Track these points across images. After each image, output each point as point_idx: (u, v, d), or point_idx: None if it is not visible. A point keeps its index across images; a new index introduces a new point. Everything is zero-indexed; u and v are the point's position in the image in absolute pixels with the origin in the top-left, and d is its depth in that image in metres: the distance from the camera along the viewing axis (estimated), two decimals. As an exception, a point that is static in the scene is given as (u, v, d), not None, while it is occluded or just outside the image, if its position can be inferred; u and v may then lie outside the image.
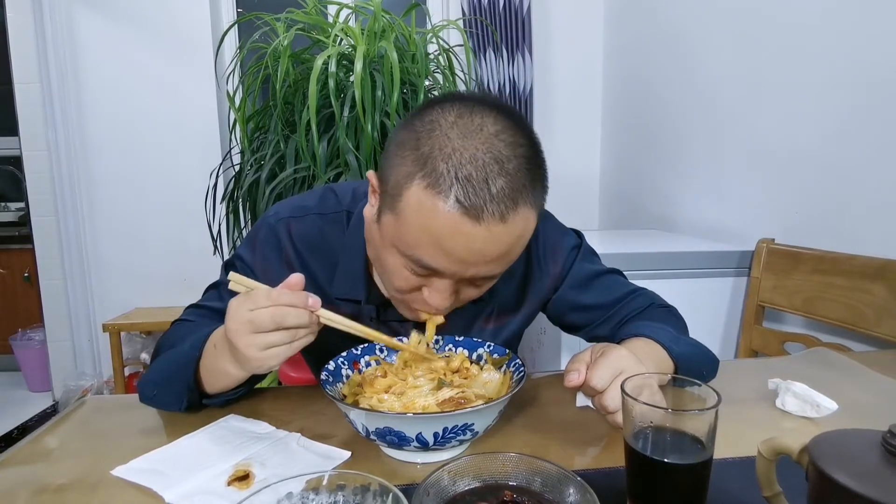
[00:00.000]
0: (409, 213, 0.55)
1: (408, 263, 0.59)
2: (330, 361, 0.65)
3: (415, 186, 0.55)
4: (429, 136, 0.55)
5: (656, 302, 0.82)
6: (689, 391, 0.47)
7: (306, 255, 0.74)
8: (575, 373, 0.58)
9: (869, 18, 1.20)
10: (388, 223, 0.59)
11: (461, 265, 0.57)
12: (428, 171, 0.54)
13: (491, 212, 0.53)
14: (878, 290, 1.14)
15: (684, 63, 1.91)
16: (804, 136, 1.39)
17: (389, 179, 0.58)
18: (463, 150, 0.54)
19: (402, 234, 0.57)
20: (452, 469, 0.43)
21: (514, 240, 0.57)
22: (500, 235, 0.55)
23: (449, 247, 0.55)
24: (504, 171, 0.54)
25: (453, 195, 0.53)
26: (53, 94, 2.33)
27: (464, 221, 0.53)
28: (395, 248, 0.59)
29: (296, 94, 1.74)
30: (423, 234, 0.55)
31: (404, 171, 0.56)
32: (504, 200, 0.54)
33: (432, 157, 0.54)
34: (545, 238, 0.80)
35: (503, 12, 2.34)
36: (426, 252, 0.56)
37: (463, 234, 0.54)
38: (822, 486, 0.34)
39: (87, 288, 2.50)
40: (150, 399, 0.68)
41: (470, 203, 0.52)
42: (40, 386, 2.66)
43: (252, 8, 2.44)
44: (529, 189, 0.56)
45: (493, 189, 0.53)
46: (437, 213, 0.53)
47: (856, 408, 0.70)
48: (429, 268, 0.58)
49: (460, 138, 0.54)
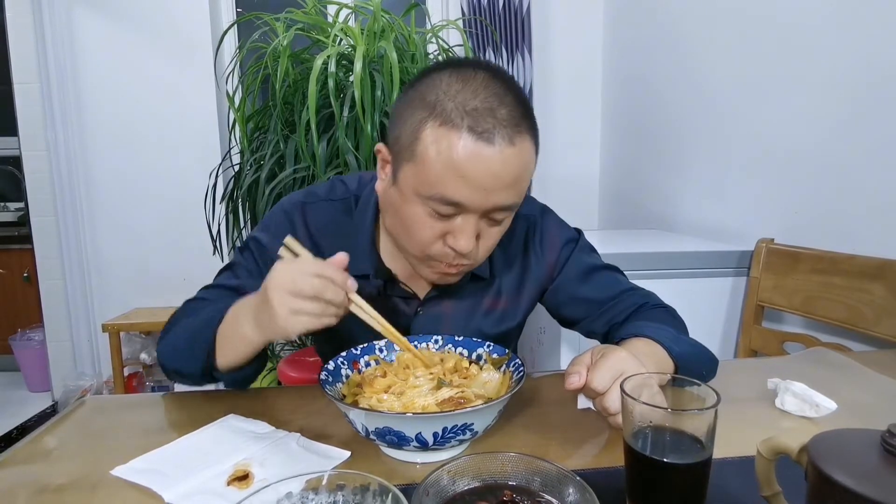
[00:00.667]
0: (428, 153, 0.60)
1: (431, 208, 0.63)
2: (329, 361, 0.65)
3: (429, 128, 0.60)
4: (431, 89, 0.62)
5: (651, 301, 0.83)
6: (688, 391, 0.47)
7: (318, 238, 0.78)
8: (576, 375, 0.58)
9: (869, 18, 1.20)
10: (408, 174, 0.63)
11: (482, 193, 0.61)
12: (438, 112, 0.60)
13: (501, 135, 0.59)
14: (877, 290, 1.14)
15: (684, 63, 1.91)
16: (804, 136, 1.39)
17: (401, 136, 0.64)
18: (465, 91, 0.60)
19: (424, 177, 0.61)
20: (452, 469, 0.43)
21: (522, 165, 0.63)
22: (511, 158, 0.61)
23: (469, 173, 0.59)
24: (504, 103, 0.61)
25: (465, 126, 0.59)
26: (53, 94, 2.33)
27: (479, 146, 0.59)
28: (417, 196, 0.63)
29: (295, 94, 1.74)
30: (444, 168, 0.60)
31: (416, 120, 0.62)
32: (509, 125, 0.60)
33: (439, 101, 0.60)
34: (544, 229, 0.84)
35: (503, 12, 2.34)
36: (449, 186, 0.60)
37: (480, 158, 0.59)
38: (821, 486, 0.34)
39: (86, 288, 2.50)
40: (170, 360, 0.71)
41: (482, 129, 0.59)
42: (40, 386, 2.66)
43: (252, 8, 2.44)
44: (526, 121, 0.63)
45: (498, 116, 0.60)
46: (454, 144, 0.59)
47: (855, 407, 0.70)
48: (452, 202, 0.61)
49: (459, 83, 0.61)
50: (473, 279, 0.79)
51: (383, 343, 0.71)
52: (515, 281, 0.83)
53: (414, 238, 0.66)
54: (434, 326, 0.79)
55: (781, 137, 1.47)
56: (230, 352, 0.65)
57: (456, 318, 0.81)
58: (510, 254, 0.82)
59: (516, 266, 0.83)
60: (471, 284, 0.80)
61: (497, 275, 0.81)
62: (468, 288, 0.80)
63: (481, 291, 0.81)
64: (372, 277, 0.76)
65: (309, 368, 1.79)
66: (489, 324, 0.82)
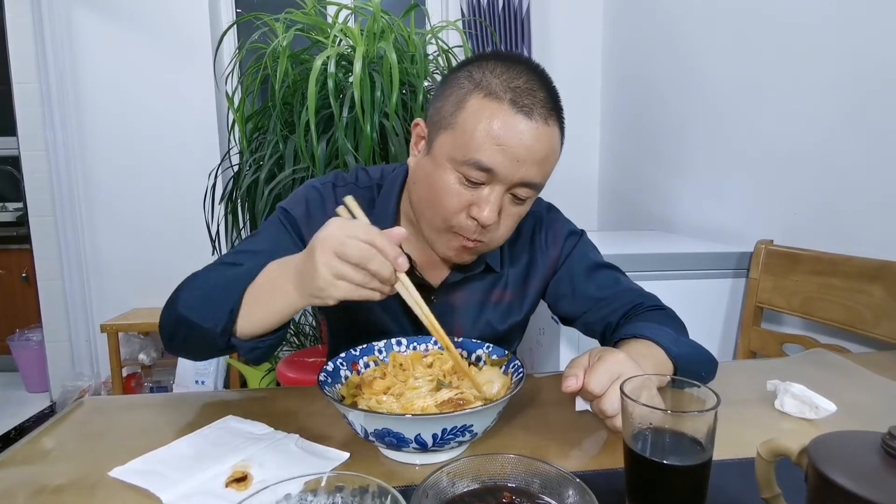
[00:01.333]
0: (470, 121, 0.65)
1: (462, 174, 0.66)
2: (329, 362, 0.65)
3: (473, 99, 0.66)
4: (479, 69, 0.67)
5: (648, 301, 0.83)
6: (688, 392, 0.47)
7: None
8: (573, 378, 0.58)
9: (868, 20, 1.21)
10: (445, 141, 0.67)
11: (514, 163, 0.65)
12: (483, 86, 0.66)
13: (539, 113, 0.65)
14: (876, 292, 1.14)
15: (683, 64, 1.92)
16: (803, 138, 1.39)
17: (444, 107, 0.68)
18: (509, 72, 0.66)
19: (461, 142, 0.65)
20: (451, 470, 0.43)
21: (553, 146, 0.68)
22: (545, 136, 0.66)
23: (506, 141, 0.64)
24: (544, 87, 0.67)
25: (508, 98, 0.64)
26: (52, 94, 2.33)
27: (519, 118, 0.64)
28: (451, 162, 0.67)
29: (295, 95, 1.74)
30: (483, 134, 0.64)
31: (462, 93, 0.67)
32: (546, 107, 0.66)
33: (485, 78, 0.66)
34: (548, 224, 0.87)
35: (502, 13, 2.34)
36: (485, 152, 0.64)
37: (518, 130, 0.64)
38: (821, 488, 0.34)
39: (85, 288, 2.49)
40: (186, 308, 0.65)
41: (522, 103, 0.64)
42: (38, 386, 2.65)
43: (251, 8, 2.44)
44: (558, 113, 0.68)
45: (537, 97, 0.65)
46: (496, 113, 0.64)
47: (854, 409, 0.70)
48: (485, 168, 0.65)
49: (504, 66, 0.67)
50: (486, 271, 0.81)
51: (382, 344, 0.71)
52: (521, 275, 0.85)
53: (440, 206, 0.68)
54: (445, 316, 0.80)
55: (781, 138, 1.47)
56: (260, 310, 0.61)
57: (467, 309, 0.82)
58: (517, 248, 0.85)
59: (523, 260, 0.85)
60: (482, 277, 0.82)
61: (506, 268, 0.84)
62: (480, 280, 0.82)
63: (491, 284, 0.83)
64: None
65: (308, 369, 1.79)
66: (497, 317, 0.84)
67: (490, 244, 0.72)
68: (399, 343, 0.71)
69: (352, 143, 1.62)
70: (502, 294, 0.84)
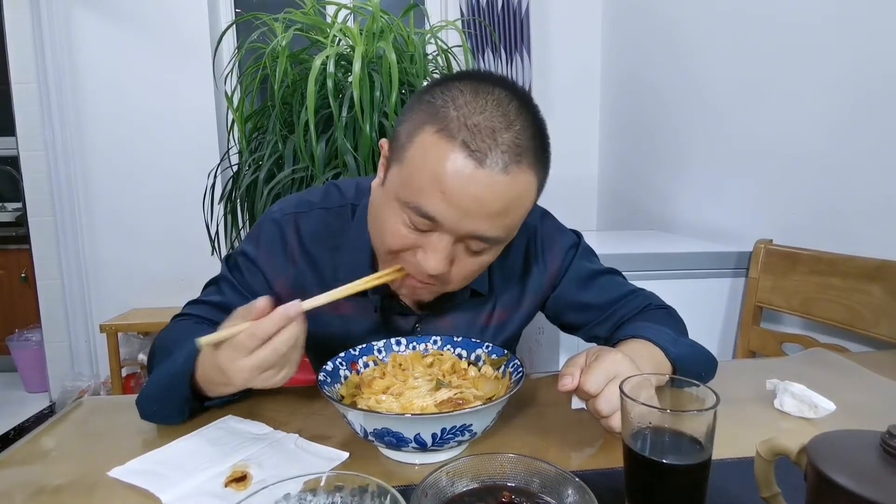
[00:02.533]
0: (416, 159, 0.57)
1: (407, 217, 0.59)
2: (328, 362, 0.65)
3: (424, 133, 0.57)
4: (444, 93, 0.58)
5: (654, 303, 0.82)
6: (687, 392, 0.47)
7: (312, 250, 0.75)
8: (568, 377, 0.58)
9: (867, 20, 1.21)
10: (393, 175, 0.61)
11: (460, 214, 0.56)
12: (439, 118, 0.57)
13: (494, 159, 0.55)
14: (875, 291, 1.14)
15: (682, 64, 1.92)
16: (802, 137, 1.39)
17: (401, 135, 0.61)
18: (474, 104, 0.57)
19: (406, 181, 0.58)
20: (451, 470, 0.43)
21: (513, 197, 0.58)
22: (501, 187, 0.56)
23: (451, 190, 0.55)
24: (511, 128, 0.56)
25: (460, 139, 0.55)
26: (51, 94, 2.33)
27: (467, 164, 0.55)
28: (396, 201, 0.60)
29: (294, 95, 1.74)
30: (427, 177, 0.56)
31: (416, 122, 0.59)
32: (508, 152, 0.56)
33: (445, 107, 0.57)
34: (544, 235, 0.81)
35: (502, 13, 2.34)
36: (428, 197, 0.56)
37: (465, 176, 0.55)
38: (820, 487, 0.34)
39: (84, 288, 2.49)
40: (151, 416, 0.66)
41: (475, 146, 0.55)
42: (37, 387, 2.65)
43: (250, 8, 2.44)
44: (532, 154, 0.58)
45: (498, 139, 0.56)
46: (443, 154, 0.55)
47: (853, 408, 0.70)
48: (427, 216, 0.57)
49: (471, 95, 0.57)
50: (472, 295, 0.76)
51: (381, 344, 0.71)
52: (515, 294, 0.81)
53: (386, 243, 0.63)
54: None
55: (780, 138, 1.47)
56: (215, 391, 0.63)
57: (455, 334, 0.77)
58: (510, 267, 0.79)
59: (516, 279, 0.80)
60: (469, 300, 0.77)
61: (496, 289, 0.79)
62: (467, 303, 0.77)
63: (480, 307, 0.79)
64: (370, 293, 0.72)
65: (307, 369, 1.78)
66: (488, 338, 0.79)
67: (447, 286, 0.66)
68: (399, 343, 0.71)
69: (351, 143, 1.62)
70: (491, 316, 0.80)
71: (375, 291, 0.73)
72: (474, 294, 0.76)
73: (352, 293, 0.61)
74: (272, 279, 0.75)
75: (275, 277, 0.75)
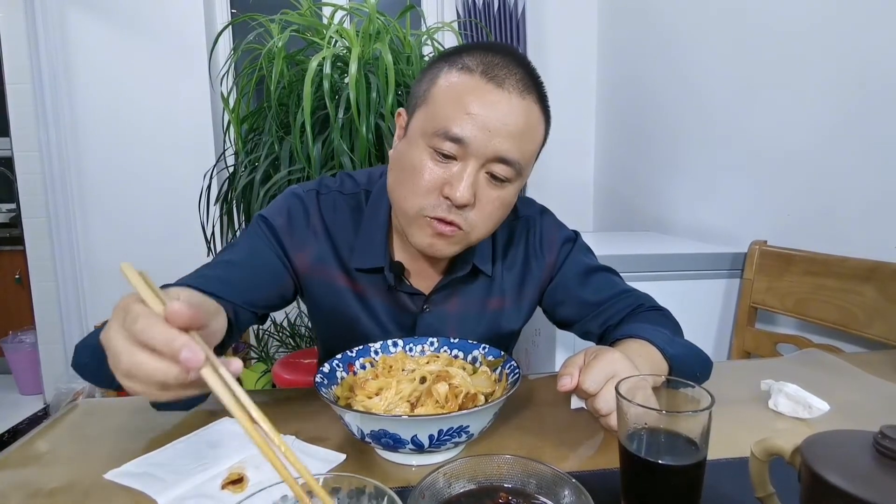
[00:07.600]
0: (440, 94, 0.64)
1: (434, 147, 0.64)
2: (324, 364, 0.65)
3: (445, 73, 0.65)
4: (455, 52, 0.67)
5: (647, 303, 0.83)
6: (682, 392, 0.47)
7: (331, 227, 0.77)
8: (567, 377, 0.58)
9: (861, 22, 1.22)
10: (419, 118, 0.66)
11: (485, 134, 0.62)
12: (458, 63, 0.65)
13: (512, 84, 0.63)
14: (869, 292, 1.15)
15: (678, 66, 1.93)
16: (797, 139, 1.40)
17: (419, 89, 0.68)
18: (486, 52, 0.65)
19: (432, 116, 0.64)
20: (447, 471, 0.43)
21: (530, 123, 0.65)
22: (519, 109, 0.64)
23: (475, 110, 0.62)
24: (521, 67, 0.65)
25: (479, 70, 0.63)
26: (45, 95, 2.32)
27: (489, 88, 0.63)
28: (423, 137, 0.65)
29: (290, 96, 1.74)
30: (452, 105, 0.63)
31: (435, 72, 0.66)
32: (521, 83, 0.64)
33: (461, 57, 0.65)
34: (542, 229, 0.85)
35: (498, 14, 2.35)
36: (455, 121, 0.62)
37: (487, 98, 0.62)
38: (814, 487, 0.35)
39: (78, 290, 2.48)
40: (81, 367, 0.60)
41: (494, 74, 0.63)
42: (31, 389, 2.63)
43: (246, 9, 2.44)
44: (538, 95, 0.66)
45: (511, 72, 0.64)
46: (466, 82, 0.63)
47: (847, 408, 0.70)
48: (455, 138, 0.62)
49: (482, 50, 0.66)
50: (475, 273, 0.79)
51: (378, 346, 0.71)
52: (517, 281, 0.83)
53: (412, 185, 0.65)
54: (439, 324, 0.80)
55: (774, 140, 1.48)
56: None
57: (460, 316, 0.81)
58: (511, 255, 0.83)
59: (517, 267, 0.83)
60: (473, 281, 0.80)
61: (500, 275, 0.82)
62: (472, 286, 0.81)
63: (485, 291, 0.82)
64: (386, 271, 0.75)
65: (304, 371, 1.79)
66: (492, 324, 0.82)
67: (470, 233, 0.68)
68: (395, 344, 0.71)
69: (347, 145, 1.62)
70: (499, 301, 0.82)
71: (391, 269, 0.75)
72: (477, 273, 0.79)
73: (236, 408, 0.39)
74: (292, 251, 0.76)
75: (295, 251, 0.76)
